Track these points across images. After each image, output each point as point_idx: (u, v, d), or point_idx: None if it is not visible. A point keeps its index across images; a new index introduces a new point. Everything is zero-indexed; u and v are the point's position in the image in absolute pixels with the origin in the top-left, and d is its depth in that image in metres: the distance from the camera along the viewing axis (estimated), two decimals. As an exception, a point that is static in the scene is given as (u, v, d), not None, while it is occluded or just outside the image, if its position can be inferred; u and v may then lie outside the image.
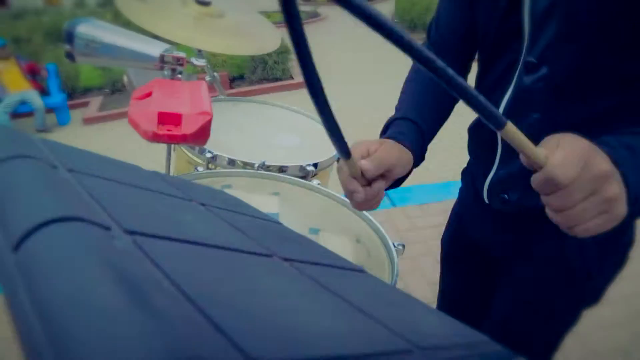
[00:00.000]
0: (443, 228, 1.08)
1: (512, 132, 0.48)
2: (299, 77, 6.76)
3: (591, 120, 0.66)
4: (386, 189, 0.72)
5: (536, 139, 0.70)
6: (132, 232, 0.24)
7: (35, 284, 0.18)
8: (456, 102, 0.87)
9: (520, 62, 0.70)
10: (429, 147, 0.82)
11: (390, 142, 0.71)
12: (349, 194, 0.67)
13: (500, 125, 0.47)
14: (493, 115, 0.46)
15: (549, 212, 0.53)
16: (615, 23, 0.59)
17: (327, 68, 7.40)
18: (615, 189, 0.49)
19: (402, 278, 2.24)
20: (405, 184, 0.80)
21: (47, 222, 0.22)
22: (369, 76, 6.69)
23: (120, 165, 0.43)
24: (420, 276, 2.47)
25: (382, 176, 0.67)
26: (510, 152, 0.75)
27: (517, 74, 0.70)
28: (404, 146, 0.72)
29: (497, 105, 0.75)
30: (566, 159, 0.48)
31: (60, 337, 0.15)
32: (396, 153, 0.69)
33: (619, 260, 0.83)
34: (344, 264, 0.40)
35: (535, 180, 0.51)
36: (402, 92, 0.86)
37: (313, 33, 10.45)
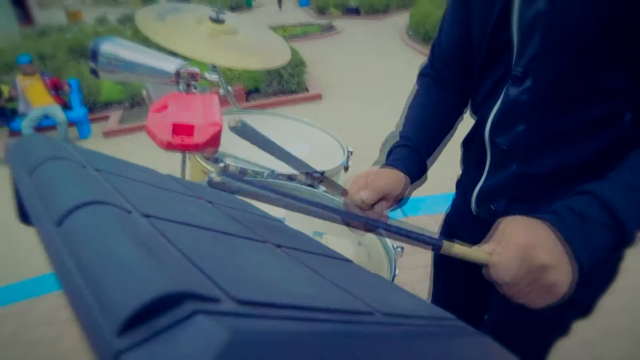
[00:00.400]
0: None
1: (449, 248, 0.56)
2: (313, 90, 6.86)
3: (576, 131, 0.70)
4: (391, 208, 0.81)
5: (523, 150, 0.75)
6: (147, 216, 0.30)
7: (75, 247, 0.24)
8: (457, 121, 0.93)
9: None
10: (442, 159, 0.89)
11: (386, 170, 0.79)
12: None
13: (438, 247, 0.55)
14: (428, 241, 0.55)
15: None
16: (595, 37, 0.62)
17: (342, 76, 7.51)
18: (554, 276, 0.55)
19: (411, 286, 2.27)
20: (418, 194, 0.87)
21: (82, 205, 0.28)
22: (381, 83, 6.77)
23: (138, 168, 0.50)
24: (431, 284, 2.50)
25: (382, 199, 0.76)
26: (498, 164, 0.80)
27: (505, 86, 0.74)
28: (400, 171, 0.80)
29: (487, 118, 0.79)
30: (505, 262, 0.55)
31: (96, 282, 0.21)
32: (391, 179, 0.77)
33: (607, 274, 0.85)
34: (333, 254, 0.46)
35: (485, 275, 0.58)
36: (405, 117, 0.92)
37: (329, 45, 10.60)
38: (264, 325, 0.20)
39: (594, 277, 0.82)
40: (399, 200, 0.81)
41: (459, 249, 0.56)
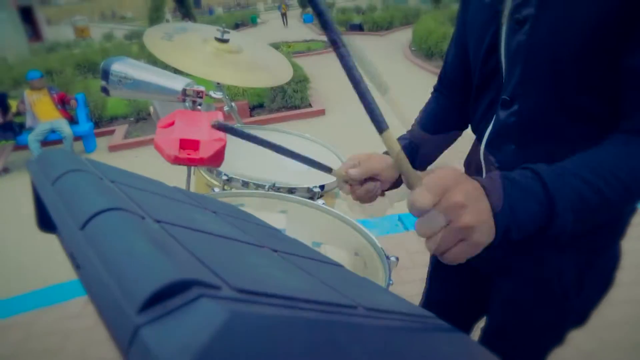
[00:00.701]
0: None
1: (388, 138, 0.54)
2: (317, 105, 6.94)
3: (560, 150, 0.73)
4: (386, 189, 0.90)
5: (513, 168, 0.79)
6: (159, 221, 0.34)
7: (98, 246, 0.28)
8: (457, 130, 1.02)
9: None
10: None
11: (379, 155, 0.88)
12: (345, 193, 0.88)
13: (381, 130, 0.53)
14: (377, 119, 0.53)
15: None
16: (571, 67, 0.67)
17: (345, 92, 7.59)
18: (468, 218, 0.53)
19: (410, 299, 2.29)
20: None
21: (102, 211, 0.32)
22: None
23: (148, 181, 0.54)
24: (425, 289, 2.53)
25: (372, 179, 0.85)
26: None
27: (497, 109, 0.80)
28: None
29: (482, 137, 0.85)
30: (424, 190, 0.54)
31: (118, 273, 0.25)
32: (381, 162, 0.86)
33: (601, 282, 0.88)
34: (325, 260, 0.50)
35: (407, 205, 0.56)
36: (415, 119, 1.04)
37: (333, 61, 10.70)
38: (258, 309, 0.24)
39: (589, 285, 0.85)
40: (394, 184, 0.90)
41: (396, 143, 0.54)
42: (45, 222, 0.47)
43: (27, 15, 16.38)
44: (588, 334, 2.12)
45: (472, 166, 0.93)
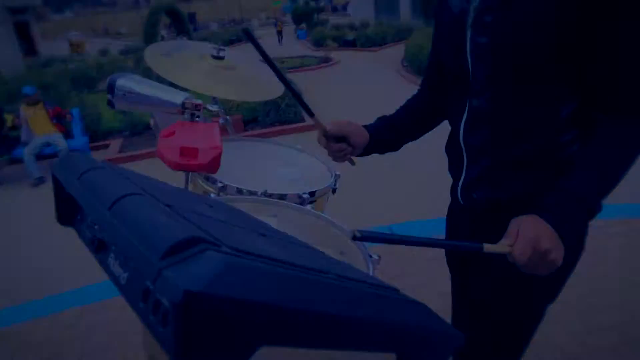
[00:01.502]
0: (444, 261, 1.25)
1: (489, 248, 0.78)
2: (310, 120, 7.04)
3: (526, 127, 0.89)
4: (357, 155, 1.15)
5: (489, 147, 0.94)
6: (169, 205, 0.42)
7: (125, 218, 0.36)
8: (433, 119, 1.21)
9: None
10: (439, 183, 1.06)
11: (357, 123, 1.12)
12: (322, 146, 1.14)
13: (481, 248, 0.78)
14: (471, 248, 0.78)
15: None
16: (528, 61, 0.82)
17: (339, 106, 7.71)
18: (554, 255, 0.80)
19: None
20: (411, 218, 1.02)
21: (124, 196, 0.40)
22: (376, 112, 6.94)
23: (155, 180, 0.62)
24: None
25: (344, 141, 1.11)
26: (473, 161, 0.96)
27: (470, 98, 0.94)
28: (365, 128, 1.14)
29: (459, 124, 0.98)
30: (522, 250, 0.79)
31: (143, 234, 0.33)
32: (355, 127, 1.11)
33: (570, 252, 0.96)
34: (307, 245, 0.58)
35: (509, 260, 0.82)
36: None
37: (326, 76, 10.89)
38: (247, 262, 0.32)
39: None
40: (364, 152, 1.15)
41: (490, 247, 0.80)
42: (64, 216, 0.55)
43: (22, 31, 16.52)
44: (573, 337, 2.19)
45: (453, 149, 1.06)
